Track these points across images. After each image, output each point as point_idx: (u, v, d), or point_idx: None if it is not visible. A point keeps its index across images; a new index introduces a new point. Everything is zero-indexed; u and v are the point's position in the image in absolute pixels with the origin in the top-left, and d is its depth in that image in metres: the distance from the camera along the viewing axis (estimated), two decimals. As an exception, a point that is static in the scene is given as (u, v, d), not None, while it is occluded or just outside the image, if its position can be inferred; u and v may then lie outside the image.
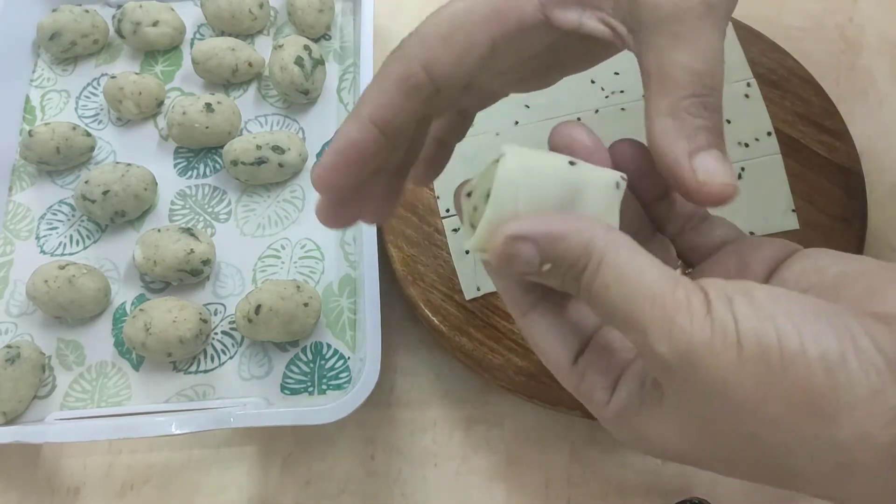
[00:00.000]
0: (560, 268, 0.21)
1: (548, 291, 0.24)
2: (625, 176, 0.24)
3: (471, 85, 0.26)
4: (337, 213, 0.27)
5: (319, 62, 0.50)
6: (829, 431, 0.19)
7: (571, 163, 0.23)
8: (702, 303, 0.20)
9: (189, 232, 0.45)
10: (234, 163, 0.47)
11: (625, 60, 0.49)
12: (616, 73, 0.48)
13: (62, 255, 0.47)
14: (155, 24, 0.52)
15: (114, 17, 0.53)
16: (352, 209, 0.27)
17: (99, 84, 0.53)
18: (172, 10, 0.53)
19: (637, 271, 0.21)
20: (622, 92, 0.47)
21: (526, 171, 0.23)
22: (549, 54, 0.27)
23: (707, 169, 0.23)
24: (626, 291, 0.20)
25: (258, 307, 0.42)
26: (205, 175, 0.49)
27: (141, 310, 0.43)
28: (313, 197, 0.48)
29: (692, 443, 0.22)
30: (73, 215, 0.49)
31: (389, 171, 0.28)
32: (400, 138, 0.26)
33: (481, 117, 0.51)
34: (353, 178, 0.25)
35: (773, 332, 0.19)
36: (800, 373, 0.19)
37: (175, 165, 0.50)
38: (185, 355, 0.43)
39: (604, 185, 0.23)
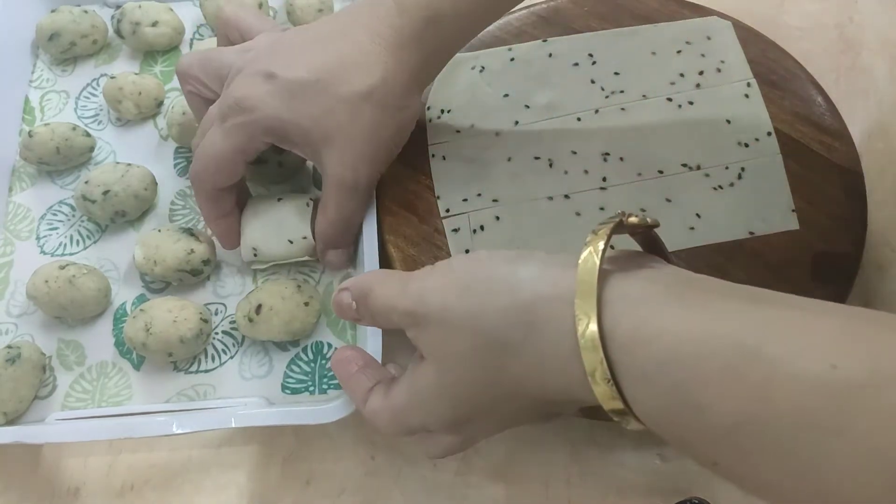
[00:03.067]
0: (360, 306, 0.35)
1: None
2: (311, 199, 0.44)
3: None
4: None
5: (319, 62, 0.50)
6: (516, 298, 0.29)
7: (279, 199, 0.44)
8: (427, 269, 0.33)
9: (189, 232, 0.45)
10: (234, 163, 0.47)
11: (625, 61, 0.49)
12: (616, 73, 0.48)
13: (62, 255, 0.47)
14: (154, 24, 0.52)
15: (113, 17, 0.53)
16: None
17: (98, 84, 0.53)
18: (171, 10, 0.53)
19: (386, 284, 0.34)
20: (622, 92, 0.47)
21: (255, 212, 0.44)
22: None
23: (330, 260, 0.44)
24: (384, 294, 0.33)
25: (259, 307, 0.42)
26: (205, 175, 0.49)
27: (141, 310, 0.43)
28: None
29: (455, 375, 0.31)
30: (74, 215, 0.49)
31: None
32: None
33: (482, 119, 0.52)
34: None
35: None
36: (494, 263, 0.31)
37: (175, 165, 0.50)
38: (186, 355, 0.43)
39: (297, 207, 0.44)
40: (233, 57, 0.41)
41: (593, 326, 0.26)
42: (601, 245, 0.27)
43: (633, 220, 0.30)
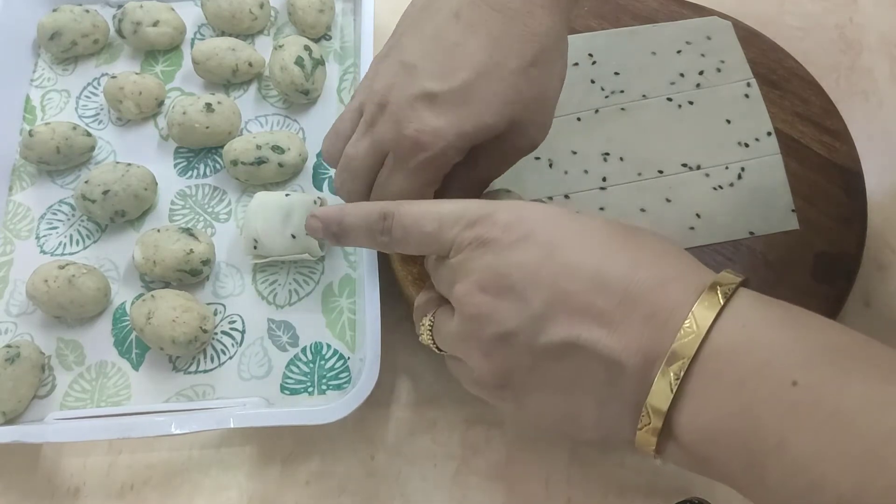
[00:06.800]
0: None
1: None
2: (319, 198, 0.45)
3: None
4: None
5: (320, 62, 0.50)
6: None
7: (287, 194, 0.45)
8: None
9: (189, 232, 0.45)
10: (234, 163, 0.47)
11: (625, 61, 0.49)
12: (616, 73, 0.48)
13: (62, 254, 0.47)
14: (155, 24, 0.52)
15: (114, 16, 0.53)
16: None
17: (99, 84, 0.53)
18: (173, 10, 0.53)
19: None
20: (622, 92, 0.47)
21: (261, 203, 0.44)
22: None
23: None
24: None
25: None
26: (205, 175, 0.49)
27: (152, 296, 0.43)
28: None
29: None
30: (73, 215, 0.49)
31: None
32: None
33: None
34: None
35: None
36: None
37: (175, 165, 0.50)
38: (177, 354, 0.43)
39: (305, 204, 0.44)
40: (383, 82, 0.36)
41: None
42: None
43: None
